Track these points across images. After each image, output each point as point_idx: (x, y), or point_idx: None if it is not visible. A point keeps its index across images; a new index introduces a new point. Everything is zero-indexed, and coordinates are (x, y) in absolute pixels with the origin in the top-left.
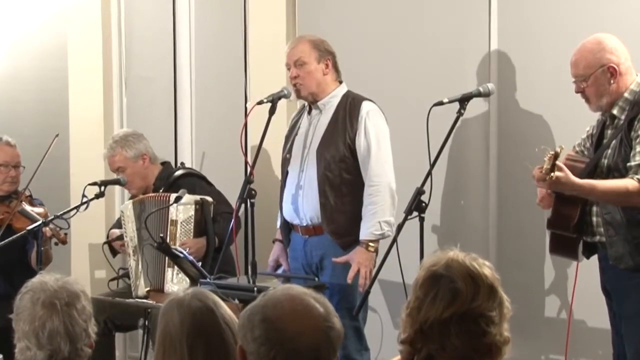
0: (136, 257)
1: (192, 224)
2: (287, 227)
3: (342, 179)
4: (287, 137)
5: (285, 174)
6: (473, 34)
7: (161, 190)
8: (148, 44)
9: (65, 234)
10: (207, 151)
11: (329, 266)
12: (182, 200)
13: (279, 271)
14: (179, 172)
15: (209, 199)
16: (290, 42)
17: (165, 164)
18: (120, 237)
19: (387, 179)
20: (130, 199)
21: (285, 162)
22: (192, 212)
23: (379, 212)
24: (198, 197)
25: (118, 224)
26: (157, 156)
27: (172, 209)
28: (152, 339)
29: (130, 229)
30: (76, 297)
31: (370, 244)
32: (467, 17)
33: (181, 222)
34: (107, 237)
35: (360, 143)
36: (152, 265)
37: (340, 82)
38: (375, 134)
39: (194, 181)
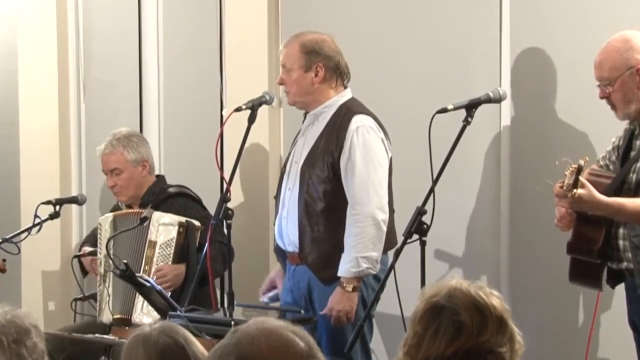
0: (108, 278)
1: (173, 247)
2: (283, 252)
3: (325, 204)
4: (290, 147)
5: (278, 190)
6: (482, 32)
7: (149, 206)
8: (110, 43)
9: (4, 260)
10: (177, 165)
11: (317, 299)
12: (165, 220)
13: (272, 294)
14: (172, 190)
15: (197, 223)
16: (285, 41)
17: (159, 176)
18: (93, 253)
19: (371, 206)
20: (112, 210)
21: (281, 176)
22: (175, 235)
23: (358, 246)
24: (184, 219)
25: (93, 237)
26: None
27: (153, 228)
28: None
29: (105, 246)
30: (26, 333)
31: (347, 283)
32: (475, 14)
33: (160, 245)
34: (79, 250)
35: (344, 163)
36: (124, 291)
37: (345, 87)
38: (362, 154)
39: (188, 203)
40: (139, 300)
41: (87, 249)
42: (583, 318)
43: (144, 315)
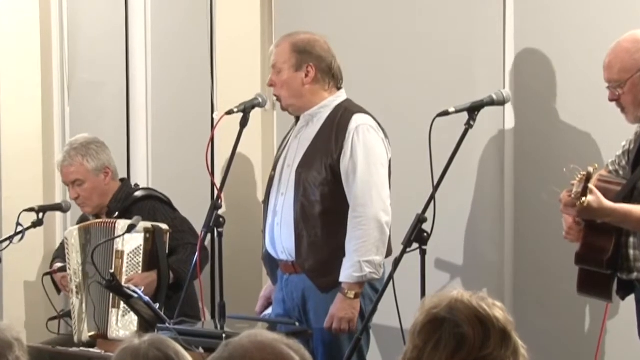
0: (80, 295)
1: (141, 255)
2: (274, 261)
3: (323, 208)
4: (278, 150)
5: (267, 195)
6: (485, 33)
7: (115, 215)
8: (95, 43)
9: None
10: (165, 170)
11: (312, 310)
12: None
13: (269, 311)
14: (138, 194)
15: (164, 226)
16: (276, 41)
17: (123, 181)
18: (63, 269)
19: (374, 209)
20: (79, 222)
21: (270, 181)
22: (142, 242)
23: (361, 250)
24: (149, 224)
25: (63, 252)
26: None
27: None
28: None
29: (74, 261)
30: (8, 347)
31: (349, 289)
32: (478, 14)
33: (128, 254)
34: (50, 267)
35: (345, 165)
36: (98, 306)
37: (339, 89)
38: (364, 154)
39: (156, 206)
40: (113, 314)
41: (58, 265)
42: (591, 331)
43: (120, 329)
